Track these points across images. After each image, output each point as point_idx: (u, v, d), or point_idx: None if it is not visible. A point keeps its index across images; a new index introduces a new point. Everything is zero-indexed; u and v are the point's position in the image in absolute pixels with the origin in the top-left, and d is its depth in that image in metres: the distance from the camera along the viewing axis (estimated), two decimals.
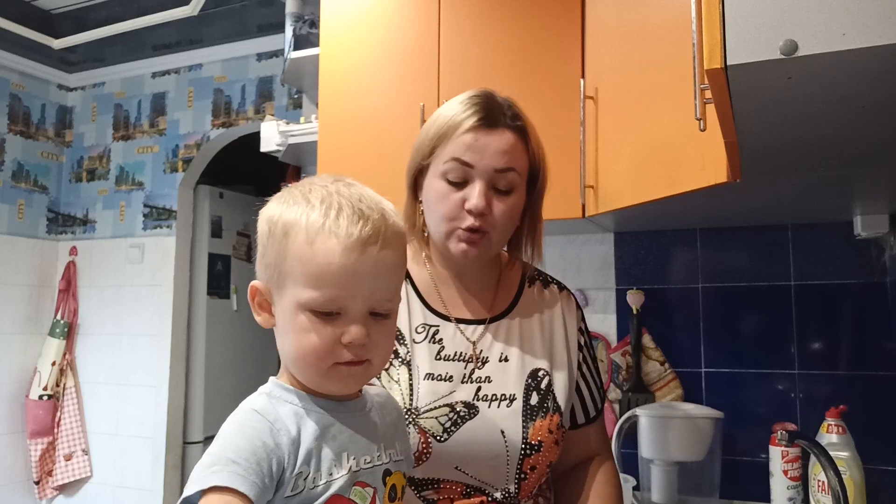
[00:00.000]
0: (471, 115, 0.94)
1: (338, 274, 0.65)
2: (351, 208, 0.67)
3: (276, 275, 0.68)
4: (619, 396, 1.92)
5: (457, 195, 0.95)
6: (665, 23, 1.31)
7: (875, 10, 0.59)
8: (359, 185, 0.72)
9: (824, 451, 1.23)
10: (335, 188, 0.70)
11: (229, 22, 2.97)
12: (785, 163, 1.08)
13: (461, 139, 0.94)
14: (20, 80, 3.24)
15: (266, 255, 0.69)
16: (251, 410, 0.68)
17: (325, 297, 0.65)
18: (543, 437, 0.97)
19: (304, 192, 0.70)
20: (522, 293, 1.08)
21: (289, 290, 0.67)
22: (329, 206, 0.67)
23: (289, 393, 0.70)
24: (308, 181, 0.73)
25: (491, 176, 0.94)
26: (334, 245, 0.65)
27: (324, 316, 0.66)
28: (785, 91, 0.71)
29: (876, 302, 1.71)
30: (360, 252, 0.65)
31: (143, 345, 3.12)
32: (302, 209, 0.68)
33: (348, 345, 0.67)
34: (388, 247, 0.68)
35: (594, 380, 1.11)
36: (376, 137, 1.92)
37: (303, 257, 0.65)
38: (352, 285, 0.66)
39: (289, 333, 0.68)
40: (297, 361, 0.69)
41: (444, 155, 0.95)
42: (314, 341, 0.66)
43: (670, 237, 1.93)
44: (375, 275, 0.67)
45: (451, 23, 1.86)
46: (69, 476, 3.12)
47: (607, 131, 1.59)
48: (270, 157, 2.50)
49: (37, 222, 3.32)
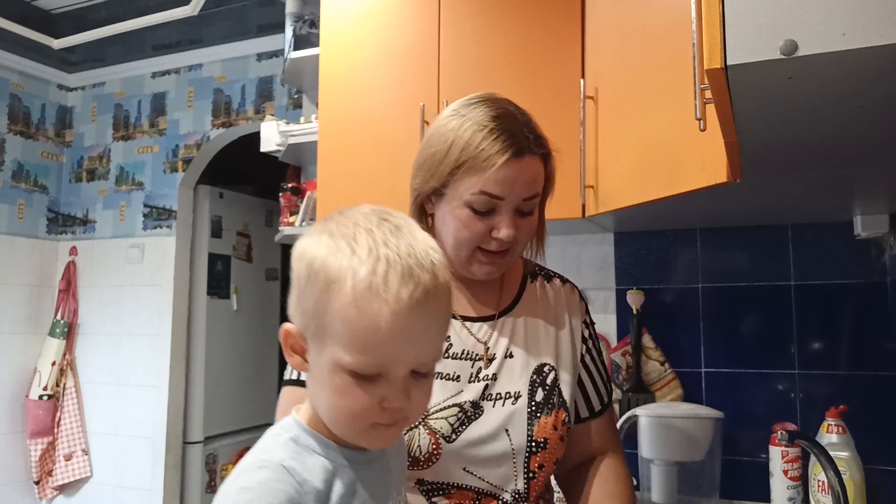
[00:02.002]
0: (501, 149, 0.90)
1: (384, 341, 0.61)
2: (401, 265, 0.61)
3: (314, 326, 0.64)
4: (619, 396, 1.92)
5: (482, 224, 0.93)
6: (665, 23, 1.31)
7: (875, 10, 0.59)
8: (406, 228, 0.66)
9: (824, 451, 1.23)
10: (382, 236, 0.63)
11: (229, 22, 2.97)
12: (785, 163, 1.08)
13: (492, 174, 0.90)
14: (20, 80, 3.24)
15: (303, 303, 0.64)
16: (280, 468, 0.63)
17: (367, 362, 0.61)
18: (549, 434, 0.96)
19: (348, 238, 0.63)
20: (525, 289, 1.07)
21: (328, 347, 0.63)
22: (377, 259, 0.61)
23: (317, 442, 0.67)
24: (351, 220, 0.66)
25: (518, 205, 0.94)
26: (382, 309, 0.60)
27: (364, 379, 0.62)
28: (785, 91, 0.71)
29: (876, 302, 1.71)
30: (408, 317, 0.61)
31: (143, 345, 3.12)
32: (347, 261, 0.61)
33: (389, 409, 0.64)
34: (436, 307, 0.64)
35: (599, 373, 1.09)
36: (376, 137, 1.92)
37: (347, 319, 0.61)
38: (397, 351, 0.62)
39: (325, 390, 0.64)
40: (333, 420, 0.66)
41: (471, 186, 0.92)
42: (352, 404, 0.63)
43: (670, 237, 1.93)
44: (422, 338, 0.64)
45: (451, 23, 1.86)
46: (69, 476, 3.12)
47: (607, 131, 1.59)
48: (270, 157, 2.50)
49: (37, 222, 3.32)
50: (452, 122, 0.95)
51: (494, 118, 0.92)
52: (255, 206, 3.57)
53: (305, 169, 2.58)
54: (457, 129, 0.93)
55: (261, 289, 3.60)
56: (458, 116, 0.95)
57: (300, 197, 2.34)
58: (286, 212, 2.37)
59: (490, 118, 0.92)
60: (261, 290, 3.60)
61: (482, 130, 0.91)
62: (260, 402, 3.45)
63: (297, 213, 2.30)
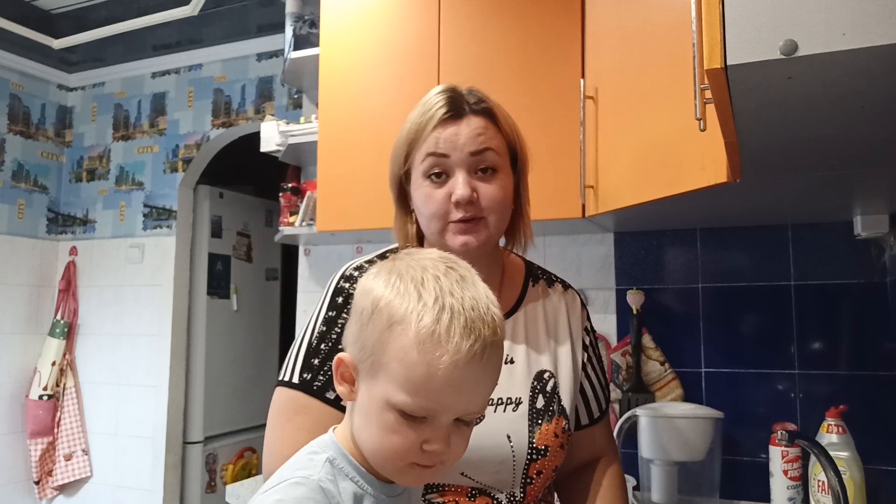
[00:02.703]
0: (436, 110, 0.95)
1: (438, 388, 0.63)
2: (464, 318, 0.64)
3: (370, 361, 0.66)
4: (619, 396, 1.92)
5: (441, 191, 0.94)
6: (665, 23, 1.31)
7: (875, 10, 0.59)
8: (470, 279, 0.69)
9: (824, 451, 1.23)
10: (448, 285, 0.66)
11: (229, 22, 2.97)
12: (785, 163, 1.08)
13: (432, 135, 0.94)
14: (20, 80, 3.24)
15: (363, 337, 0.67)
16: (318, 488, 0.66)
17: (418, 405, 0.64)
18: (549, 442, 0.95)
19: (416, 283, 0.66)
20: (526, 292, 1.06)
21: (381, 383, 0.65)
22: (442, 308, 0.63)
23: (352, 468, 0.69)
24: (420, 264, 0.68)
25: (469, 162, 0.94)
26: (442, 358, 0.62)
27: (411, 419, 0.64)
28: (785, 91, 0.71)
29: (876, 302, 1.71)
30: (464, 369, 0.63)
31: (143, 345, 3.12)
32: (413, 305, 0.64)
33: (429, 452, 0.66)
34: (492, 362, 0.66)
35: (599, 380, 1.09)
36: (376, 137, 1.92)
37: (405, 360, 0.63)
38: (448, 400, 0.64)
39: (372, 425, 0.67)
40: (374, 452, 0.68)
41: (421, 155, 0.95)
42: (397, 443, 0.65)
43: (670, 237, 1.93)
44: (474, 390, 0.66)
45: (451, 23, 1.86)
46: (69, 476, 3.12)
47: (607, 131, 1.59)
48: (270, 157, 2.50)
49: (37, 222, 3.32)
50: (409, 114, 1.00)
51: (438, 93, 0.97)
52: (255, 206, 3.57)
53: (305, 169, 2.58)
54: (410, 115, 0.99)
55: (261, 289, 3.60)
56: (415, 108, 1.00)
57: (300, 197, 2.34)
58: (286, 212, 2.37)
59: (434, 94, 0.98)
60: (261, 290, 3.60)
61: (424, 105, 0.97)
62: (260, 402, 3.45)
63: (297, 213, 2.30)
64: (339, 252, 2.42)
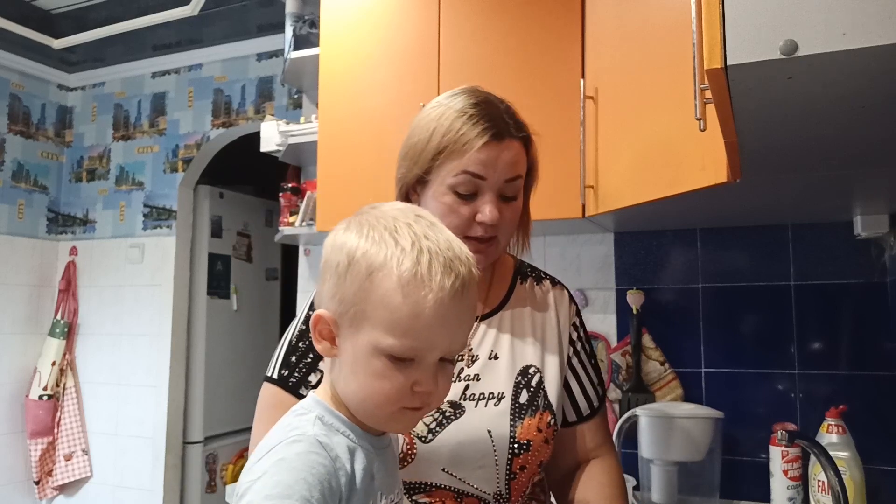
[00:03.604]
0: (482, 131, 0.93)
1: (424, 326, 0.64)
2: (443, 257, 0.65)
3: (352, 312, 0.66)
4: (619, 396, 1.92)
5: (466, 208, 0.95)
6: (665, 23, 1.31)
7: (875, 10, 0.59)
8: (439, 226, 0.70)
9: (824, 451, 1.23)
10: (421, 230, 0.67)
11: (229, 22, 2.97)
12: (785, 163, 1.08)
13: (473, 155, 0.93)
14: (20, 80, 3.24)
15: (340, 291, 0.67)
16: (316, 442, 0.65)
17: (406, 346, 0.65)
18: (532, 436, 0.95)
19: (390, 230, 0.67)
20: (514, 289, 1.07)
21: (366, 331, 0.65)
22: (420, 251, 0.65)
23: (341, 423, 0.69)
24: (389, 214, 0.69)
25: (499, 187, 0.96)
26: (427, 297, 0.64)
27: (399, 362, 0.65)
28: (785, 91, 0.71)
29: (876, 302, 1.71)
30: (448, 305, 0.65)
31: (143, 345, 3.11)
32: (391, 251, 0.65)
33: (419, 393, 0.67)
34: (471, 298, 0.68)
35: (588, 376, 1.08)
36: (376, 137, 1.92)
37: (390, 305, 0.64)
38: (435, 337, 0.65)
39: (358, 375, 0.67)
40: (364, 402, 0.68)
41: (453, 168, 0.94)
42: (387, 388, 0.66)
43: (670, 237, 1.93)
44: (457, 326, 0.68)
45: (451, 23, 1.86)
46: (69, 476, 3.12)
47: (607, 131, 1.59)
48: (270, 157, 2.50)
49: (37, 222, 3.32)
50: (434, 112, 0.97)
51: (475, 105, 0.96)
52: (255, 206, 3.57)
53: (305, 169, 2.58)
54: (438, 118, 0.96)
55: (261, 289, 3.60)
56: (439, 106, 0.98)
57: (300, 197, 2.34)
58: (286, 212, 2.37)
59: (470, 105, 0.96)
60: (261, 290, 3.60)
61: (462, 116, 0.94)
62: None
63: (297, 213, 2.30)
64: None
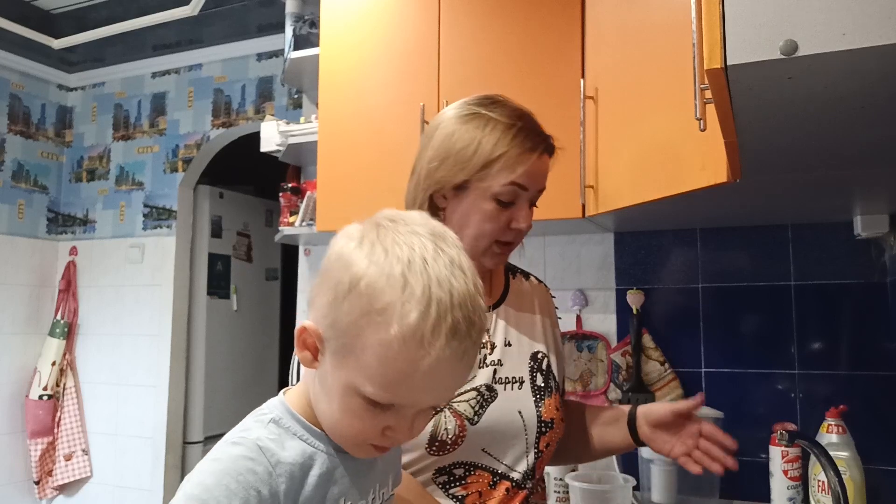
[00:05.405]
0: (533, 146, 0.99)
1: (413, 386, 0.60)
2: (451, 318, 0.58)
3: (341, 342, 0.61)
4: (619, 396, 1.92)
5: (505, 215, 1.00)
6: (665, 23, 1.31)
7: (875, 10, 0.59)
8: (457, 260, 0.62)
9: (824, 451, 1.23)
10: (437, 272, 0.59)
11: (229, 22, 2.97)
12: (785, 163, 1.08)
13: (525, 168, 0.98)
14: (20, 80, 3.24)
15: (334, 313, 0.61)
16: (255, 447, 0.62)
17: (387, 398, 0.61)
18: (553, 415, 1.04)
19: (403, 264, 0.59)
20: (509, 283, 1.15)
21: (350, 368, 0.61)
22: (429, 303, 0.58)
23: (299, 426, 0.66)
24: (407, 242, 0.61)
25: (534, 197, 1.03)
26: (423, 360, 0.58)
27: (376, 405, 0.61)
28: (785, 91, 0.71)
29: (876, 302, 1.71)
30: (444, 369, 0.59)
31: (143, 345, 3.11)
32: (397, 296, 0.58)
33: (389, 436, 0.64)
34: (470, 359, 0.62)
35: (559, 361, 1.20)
36: (376, 137, 1.92)
37: (382, 356, 0.58)
38: (420, 396, 0.61)
39: (333, 403, 0.63)
40: (332, 426, 0.65)
41: (502, 178, 0.98)
42: (357, 426, 0.63)
43: (670, 237, 1.93)
44: (448, 387, 0.64)
45: (451, 23, 1.86)
46: (69, 476, 3.12)
47: (607, 131, 1.59)
48: (270, 157, 2.50)
49: (37, 222, 3.32)
50: (476, 121, 1.00)
51: (519, 117, 1.01)
52: (255, 206, 3.57)
53: (305, 169, 2.58)
54: (483, 127, 0.99)
55: (261, 289, 3.60)
56: (479, 116, 1.00)
57: (300, 197, 2.34)
58: (286, 212, 2.36)
59: (516, 117, 1.00)
60: (261, 290, 3.60)
61: (511, 129, 0.99)
62: (260, 403, 3.40)
63: (297, 213, 2.30)
64: None
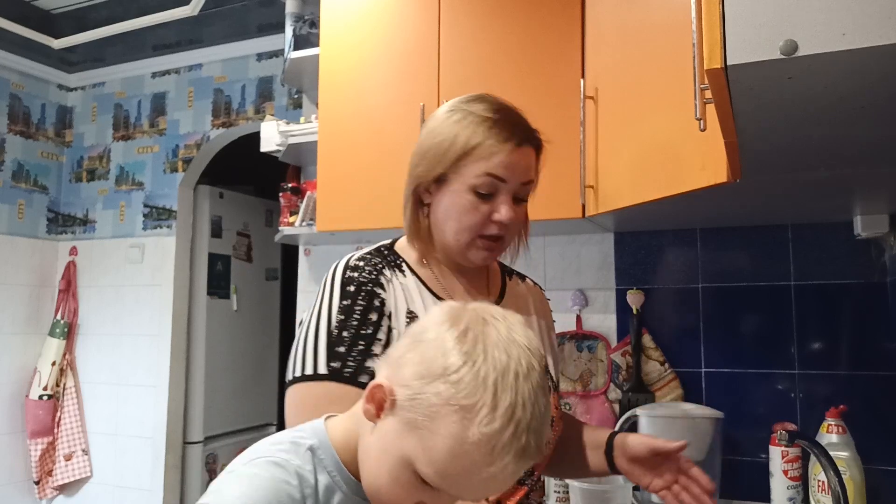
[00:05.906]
0: (507, 138, 0.98)
1: (468, 483, 0.63)
2: (524, 440, 0.62)
3: (414, 416, 0.64)
4: (619, 396, 1.92)
5: (485, 207, 0.99)
6: (665, 23, 1.31)
7: (875, 10, 0.59)
8: (541, 382, 0.65)
9: (824, 451, 1.23)
10: (525, 392, 0.62)
11: (229, 22, 2.96)
12: (785, 163, 1.08)
13: (499, 159, 0.98)
14: (20, 80, 3.24)
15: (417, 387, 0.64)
16: (295, 474, 0.66)
17: (439, 484, 0.64)
18: (554, 413, 1.03)
19: (497, 372, 0.62)
20: (506, 284, 1.15)
21: (413, 443, 0.63)
22: (509, 421, 0.61)
23: (331, 463, 0.70)
24: (505, 349, 0.64)
25: (515, 189, 1.01)
26: (487, 469, 0.62)
27: (423, 484, 0.65)
28: (785, 91, 0.71)
29: (876, 302, 1.71)
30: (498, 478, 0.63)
31: (143, 345, 3.11)
32: (486, 402, 0.61)
33: None
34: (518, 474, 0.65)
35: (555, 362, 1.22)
36: (376, 137, 1.92)
37: (452, 449, 0.61)
38: (467, 494, 0.65)
39: (382, 465, 0.66)
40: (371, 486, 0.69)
41: (477, 170, 0.98)
42: (396, 494, 0.66)
43: (670, 237, 1.93)
44: (493, 491, 0.67)
45: (451, 23, 1.86)
46: (69, 476, 3.12)
47: (607, 131, 1.59)
48: (270, 157, 2.50)
49: (37, 222, 3.32)
50: (456, 115, 1.01)
51: (497, 110, 1.01)
52: (255, 206, 3.57)
53: (305, 169, 2.58)
54: (461, 120, 1.00)
55: (261, 289, 3.60)
56: (459, 111, 1.02)
57: (300, 197, 2.34)
58: (286, 212, 2.36)
59: (493, 110, 1.01)
60: (261, 290, 3.59)
61: (487, 121, 0.99)
62: (260, 402, 3.45)
63: (297, 213, 2.30)
64: (339, 252, 2.40)
